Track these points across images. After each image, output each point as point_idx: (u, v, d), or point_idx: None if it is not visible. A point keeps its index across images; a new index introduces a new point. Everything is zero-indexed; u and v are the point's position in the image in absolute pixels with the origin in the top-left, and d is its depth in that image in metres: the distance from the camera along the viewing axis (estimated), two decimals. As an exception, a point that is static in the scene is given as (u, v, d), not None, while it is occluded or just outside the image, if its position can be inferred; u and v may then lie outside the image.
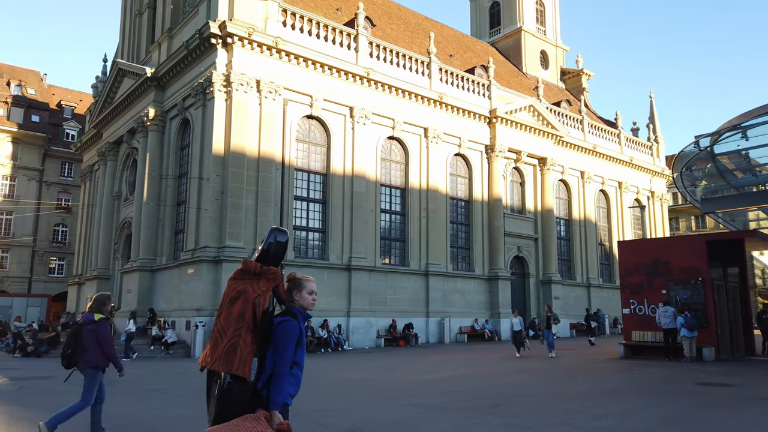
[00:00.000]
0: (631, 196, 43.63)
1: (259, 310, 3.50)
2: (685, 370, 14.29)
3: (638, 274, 18.28)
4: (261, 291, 3.55)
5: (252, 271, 3.64)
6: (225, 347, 3.40)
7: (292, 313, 3.60)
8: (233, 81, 23.95)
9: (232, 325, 3.45)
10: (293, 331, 3.49)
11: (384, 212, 29.19)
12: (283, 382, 3.41)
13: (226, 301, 3.58)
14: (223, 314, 3.55)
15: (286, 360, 3.44)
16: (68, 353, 7.15)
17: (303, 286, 3.77)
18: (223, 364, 3.37)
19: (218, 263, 22.96)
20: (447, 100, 31.20)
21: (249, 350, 3.43)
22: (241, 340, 3.41)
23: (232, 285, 3.62)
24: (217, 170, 23.82)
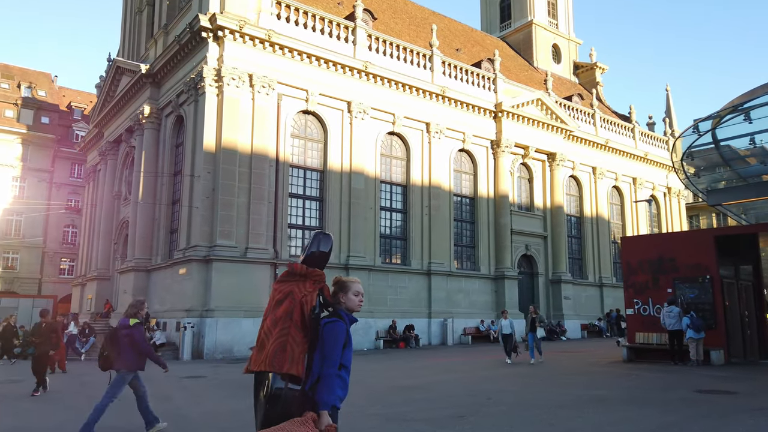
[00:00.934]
0: (647, 193, 42.21)
1: (306, 308, 3.45)
2: (688, 375, 13.22)
3: (642, 272, 17.19)
4: (307, 291, 3.51)
5: (298, 273, 3.58)
6: (273, 347, 3.33)
7: (339, 314, 3.56)
8: (224, 75, 23.28)
9: (279, 324, 3.40)
10: (341, 332, 3.45)
11: (384, 210, 28.33)
12: (332, 383, 3.35)
13: (272, 304, 3.54)
14: (269, 317, 3.50)
15: (334, 360, 3.38)
16: (104, 355, 7.65)
17: (349, 288, 3.71)
18: (271, 363, 3.30)
19: (209, 262, 22.29)
20: (450, 94, 30.25)
21: (300, 348, 3.36)
22: (290, 338, 3.36)
23: (278, 287, 3.57)
24: (208, 167, 23.16)
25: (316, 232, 3.83)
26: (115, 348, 7.59)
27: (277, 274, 24.27)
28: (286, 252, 24.40)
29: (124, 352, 7.55)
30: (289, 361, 3.30)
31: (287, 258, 24.28)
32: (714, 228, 29.07)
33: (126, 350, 7.55)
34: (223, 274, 22.28)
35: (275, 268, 23.78)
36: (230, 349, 21.83)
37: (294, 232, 25.38)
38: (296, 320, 3.41)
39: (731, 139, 12.74)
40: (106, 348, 7.68)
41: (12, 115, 51.23)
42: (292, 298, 3.46)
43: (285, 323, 3.40)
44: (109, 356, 7.62)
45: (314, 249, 3.68)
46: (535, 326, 17.61)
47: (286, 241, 24.59)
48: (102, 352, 7.72)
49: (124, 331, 7.63)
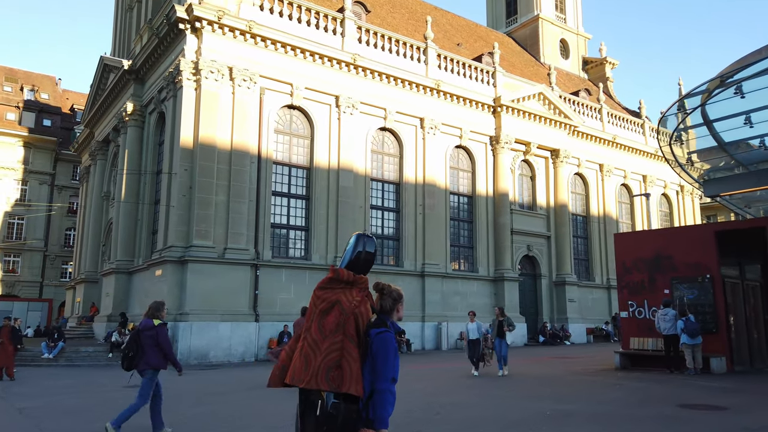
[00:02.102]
0: (658, 191, 40.50)
1: (362, 321, 3.24)
2: (680, 386, 11.83)
3: (637, 271, 15.78)
4: (356, 301, 3.28)
5: (344, 281, 3.35)
6: (323, 362, 3.12)
7: (386, 323, 3.33)
8: (202, 69, 22.27)
9: (329, 338, 3.17)
10: (392, 342, 3.26)
11: (375, 209, 27.12)
12: (386, 399, 3.16)
13: (315, 312, 3.31)
14: (313, 326, 3.27)
15: (388, 375, 3.19)
16: (129, 356, 7.80)
17: (402, 299, 3.53)
18: (324, 381, 3.09)
19: (184, 264, 21.25)
20: (445, 88, 28.98)
21: (358, 366, 3.17)
22: (346, 353, 3.15)
23: (321, 295, 3.34)
24: (185, 164, 22.15)
25: (356, 234, 3.57)
26: (140, 348, 7.80)
27: (258, 276, 23.34)
28: (267, 253, 23.30)
29: (149, 352, 7.78)
30: (348, 380, 3.09)
31: (269, 259, 23.18)
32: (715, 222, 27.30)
33: (151, 350, 7.78)
34: (200, 275, 21.22)
35: (256, 269, 22.69)
36: (206, 354, 20.75)
37: (277, 232, 24.26)
38: (351, 334, 3.18)
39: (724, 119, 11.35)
40: (131, 349, 7.86)
41: (14, 117, 50.97)
42: (341, 309, 3.21)
43: (336, 337, 3.16)
44: (133, 356, 7.81)
45: (360, 249, 3.45)
46: (503, 331, 14.97)
47: (268, 241, 23.48)
48: (127, 353, 7.89)
49: (148, 332, 7.85)
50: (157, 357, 7.80)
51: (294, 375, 3.19)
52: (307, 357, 3.17)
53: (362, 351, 3.21)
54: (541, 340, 30.34)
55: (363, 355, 3.22)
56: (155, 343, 7.79)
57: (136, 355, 7.79)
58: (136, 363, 7.79)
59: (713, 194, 13.86)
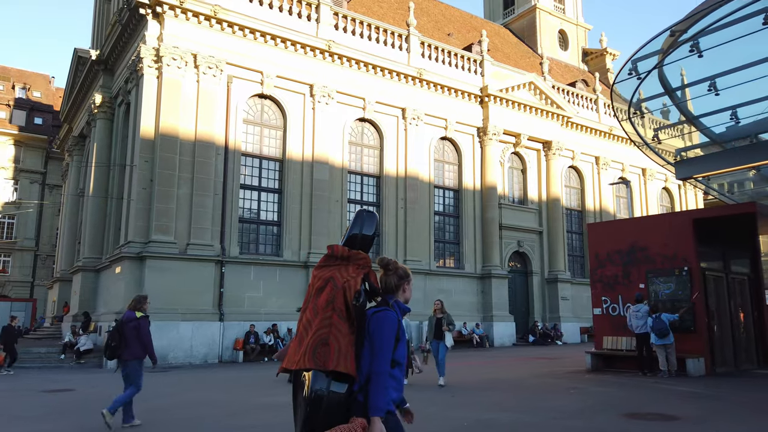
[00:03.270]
0: (658, 185, 38.94)
1: (350, 294, 2.98)
2: (645, 391, 10.54)
3: (612, 264, 14.47)
4: (351, 276, 3.05)
5: (339, 256, 3.15)
6: (312, 339, 2.88)
7: (387, 302, 3.12)
8: (163, 55, 21.21)
9: (320, 314, 2.95)
10: (391, 322, 3.00)
11: (353, 203, 25.93)
12: (384, 383, 2.87)
13: (311, 292, 3.11)
14: (309, 307, 3.06)
15: (385, 356, 2.92)
16: (112, 346, 8.26)
17: (410, 277, 3.27)
18: (311, 359, 2.83)
19: (142, 260, 20.20)
20: (428, 77, 27.75)
21: (347, 341, 2.89)
22: (334, 328, 2.89)
23: (317, 274, 3.13)
24: (145, 156, 21.11)
25: (358, 210, 3.35)
26: (122, 339, 8.19)
27: (224, 273, 22.24)
28: (235, 249, 22.20)
29: (131, 343, 8.17)
30: (335, 356, 2.81)
31: (236, 255, 22.07)
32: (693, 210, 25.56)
33: (133, 341, 8.18)
34: (159, 272, 20.15)
35: (222, 266, 21.59)
36: (164, 355, 19.61)
37: (246, 227, 23.15)
38: (339, 308, 2.94)
39: (687, 86, 10.04)
40: (113, 339, 8.28)
41: (5, 116, 50.39)
42: (333, 284, 3.00)
43: (326, 312, 2.93)
44: (116, 347, 8.24)
45: (356, 231, 3.25)
46: (442, 331, 12.37)
47: (236, 236, 22.38)
48: (109, 343, 8.32)
49: (131, 324, 8.26)
50: (139, 348, 8.24)
51: (289, 357, 3.00)
52: (300, 338, 2.99)
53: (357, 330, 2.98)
54: (531, 340, 29.00)
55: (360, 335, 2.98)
56: (137, 335, 8.21)
57: (118, 346, 8.22)
58: (119, 353, 8.22)
59: (685, 176, 12.49)
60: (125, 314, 8.52)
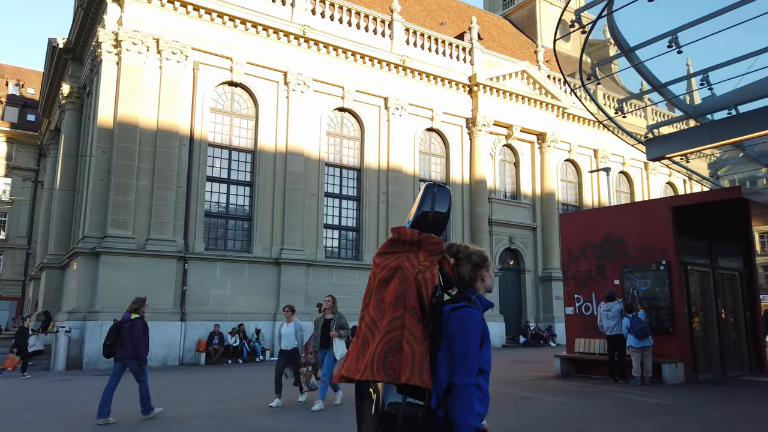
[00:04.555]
0: (662, 180, 37.22)
1: (426, 289, 2.44)
2: (604, 402, 9.14)
3: (585, 258, 13.04)
4: (423, 265, 2.51)
5: (407, 241, 2.62)
6: (381, 345, 2.38)
7: (468, 298, 2.55)
8: (123, 40, 20.07)
9: (388, 313, 2.44)
10: (475, 322, 2.45)
11: (330, 196, 24.64)
12: (469, 396, 2.35)
13: (374, 284, 2.59)
14: (371, 302, 2.55)
15: (471, 364, 2.39)
16: (108, 344, 8.75)
17: (488, 262, 2.66)
18: (381, 369, 2.34)
19: (97, 256, 19.05)
20: (413, 65, 26.38)
21: (422, 348, 2.37)
22: (407, 332, 2.38)
23: (381, 262, 2.62)
24: (103, 146, 19.99)
25: (427, 184, 2.75)
26: (118, 339, 8.71)
27: (187, 270, 21.05)
28: (200, 244, 21.00)
29: (126, 342, 8.68)
30: (408, 367, 2.31)
31: (201, 251, 20.87)
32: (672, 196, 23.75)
33: (128, 341, 8.68)
34: (114, 269, 18.99)
35: (185, 262, 20.41)
36: (119, 356, 18.47)
37: (213, 222, 21.94)
38: (412, 306, 2.41)
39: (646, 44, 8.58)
40: (109, 338, 8.79)
41: (-3, 112, 49.79)
42: (403, 276, 2.47)
43: (396, 311, 2.41)
44: (112, 345, 8.74)
45: (426, 209, 2.67)
46: (328, 337, 9.59)
47: (201, 231, 21.18)
48: (106, 342, 8.81)
49: (126, 325, 8.80)
50: (134, 347, 8.69)
51: (350, 364, 2.48)
52: (364, 340, 2.46)
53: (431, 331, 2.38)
54: (522, 341, 27.52)
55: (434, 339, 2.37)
56: (132, 335, 8.68)
57: (113, 345, 8.70)
58: (114, 351, 8.71)
59: (657, 156, 10.98)
60: (123, 315, 9.11)
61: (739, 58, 8.34)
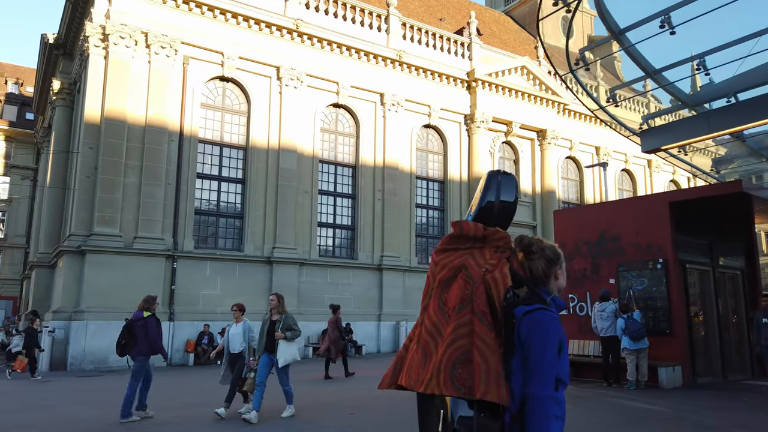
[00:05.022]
0: (666, 177, 36.58)
1: (497, 291, 2.19)
2: (594, 410, 8.62)
3: (579, 256, 12.50)
4: (490, 264, 2.26)
5: (471, 236, 2.36)
6: (448, 354, 2.14)
7: (542, 298, 2.29)
8: (110, 34, 19.65)
9: (453, 319, 2.20)
10: (552, 326, 2.19)
11: (325, 194, 24.15)
12: (548, 409, 2.10)
13: (433, 285, 2.38)
14: (431, 305, 2.33)
15: (547, 373, 2.13)
16: (122, 343, 8.82)
17: (561, 258, 2.43)
18: (449, 382, 2.10)
19: (83, 254, 18.62)
20: (409, 60, 25.87)
21: (496, 358, 2.13)
22: (477, 340, 2.14)
23: (441, 260, 2.39)
24: (90, 142, 19.57)
25: (490, 172, 2.50)
26: (132, 337, 8.73)
27: (175, 269, 20.60)
28: (189, 243, 20.55)
29: (140, 340, 8.71)
30: (482, 381, 2.07)
31: (190, 250, 20.42)
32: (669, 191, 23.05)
33: (142, 339, 8.71)
34: (101, 268, 18.56)
35: (173, 261, 19.97)
36: (104, 358, 18.05)
37: (204, 220, 21.49)
38: (481, 311, 2.16)
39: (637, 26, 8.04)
40: (123, 337, 8.77)
41: (-5, 111, 49.58)
42: (467, 276, 2.24)
43: (462, 317, 2.16)
44: (126, 344, 8.75)
45: (491, 198, 2.43)
46: (274, 340, 8.63)
47: (190, 229, 20.73)
48: (120, 341, 8.80)
49: (139, 323, 8.82)
50: (147, 345, 8.73)
51: (410, 374, 2.23)
52: (425, 348, 2.22)
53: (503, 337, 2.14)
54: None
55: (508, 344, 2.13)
56: (146, 333, 8.71)
57: (128, 343, 8.73)
58: (128, 350, 8.74)
59: (652, 148, 10.43)
60: (134, 314, 9.11)
61: (738, 40, 7.80)
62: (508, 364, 2.17)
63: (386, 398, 10.22)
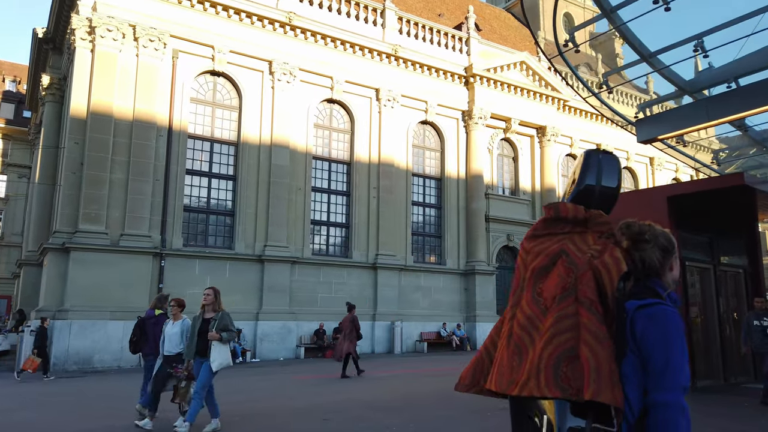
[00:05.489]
0: (668, 176, 35.98)
1: (609, 277, 1.92)
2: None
3: (574, 253, 11.94)
4: (594, 249, 2.01)
5: (570, 219, 2.12)
6: (548, 352, 1.87)
7: (656, 292, 1.98)
8: (97, 26, 19.21)
9: (553, 310, 1.94)
10: (676, 322, 1.90)
11: (318, 191, 23.66)
12: (676, 419, 1.80)
13: (525, 275, 2.12)
14: (525, 297, 2.07)
15: (675, 376, 1.84)
16: (134, 341, 8.94)
17: (675, 247, 2.10)
18: (552, 383, 1.83)
19: (67, 252, 18.16)
20: (405, 54, 25.36)
21: (608, 353, 1.84)
22: (585, 333, 1.85)
23: (533, 247, 2.14)
24: (75, 137, 19.13)
25: (587, 152, 2.26)
26: (143, 335, 8.77)
27: (163, 267, 20.12)
28: (178, 240, 20.09)
29: (151, 339, 8.64)
30: (592, 379, 1.78)
31: (179, 248, 19.95)
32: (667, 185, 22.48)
33: (152, 338, 8.62)
34: (85, 266, 18.10)
35: (161, 259, 19.50)
36: (89, 358, 17.61)
37: (194, 217, 21.02)
38: (589, 300, 1.89)
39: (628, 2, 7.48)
40: (135, 334, 8.88)
41: (-7, 109, 49.26)
42: (570, 262, 1.98)
43: (565, 307, 1.90)
44: (138, 341, 8.79)
45: (590, 182, 2.19)
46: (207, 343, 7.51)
47: (179, 227, 20.27)
48: (132, 338, 8.91)
49: (151, 321, 8.84)
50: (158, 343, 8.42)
51: (500, 375, 1.95)
52: (518, 345, 1.96)
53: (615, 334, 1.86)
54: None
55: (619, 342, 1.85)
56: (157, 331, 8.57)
57: (139, 341, 8.77)
58: (140, 347, 8.78)
59: (648, 138, 9.84)
60: (147, 312, 9.18)
61: (739, 18, 7.25)
62: (620, 367, 1.89)
63: (381, 401, 9.72)
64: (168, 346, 8.08)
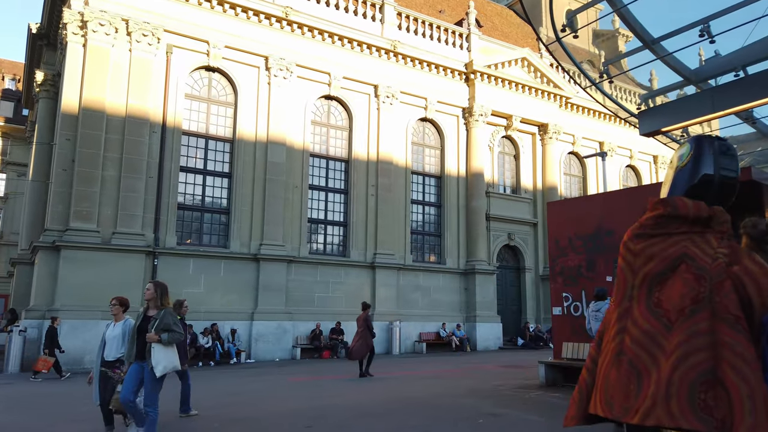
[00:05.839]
0: (672, 174, 35.44)
1: (757, 288, 1.74)
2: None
3: (574, 252, 11.54)
4: (722, 253, 1.82)
5: (690, 217, 1.90)
6: (679, 374, 1.68)
7: None
8: (89, 21, 18.85)
9: (681, 325, 1.74)
10: None
11: (316, 189, 23.27)
12: None
13: (634, 282, 1.91)
14: (637, 308, 1.87)
15: None
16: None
17: None
18: (689, 413, 1.64)
19: (58, 250, 17.80)
20: (404, 50, 24.95)
21: (758, 378, 1.67)
22: (729, 353, 1.67)
23: (645, 248, 1.92)
24: (67, 133, 18.76)
25: (698, 137, 2.09)
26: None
27: (156, 266, 19.73)
28: (171, 239, 19.72)
29: None
30: (746, 411, 1.59)
31: (172, 246, 19.58)
32: None
33: None
34: (76, 264, 17.74)
35: (154, 257, 19.13)
36: (80, 358, 17.20)
37: (188, 215, 20.64)
38: (732, 316, 1.70)
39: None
40: None
41: (-10, 107, 49.02)
42: (698, 268, 1.79)
43: (698, 322, 1.72)
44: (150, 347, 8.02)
45: (708, 171, 2.01)
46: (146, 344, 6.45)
47: (173, 225, 19.90)
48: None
49: None
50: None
51: (610, 398, 1.79)
52: (634, 364, 1.78)
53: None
54: (521, 344, 25.99)
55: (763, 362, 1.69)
56: None
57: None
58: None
59: (651, 130, 9.42)
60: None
61: (749, 0, 6.84)
62: None
63: (381, 406, 9.32)
64: (107, 351, 7.17)
